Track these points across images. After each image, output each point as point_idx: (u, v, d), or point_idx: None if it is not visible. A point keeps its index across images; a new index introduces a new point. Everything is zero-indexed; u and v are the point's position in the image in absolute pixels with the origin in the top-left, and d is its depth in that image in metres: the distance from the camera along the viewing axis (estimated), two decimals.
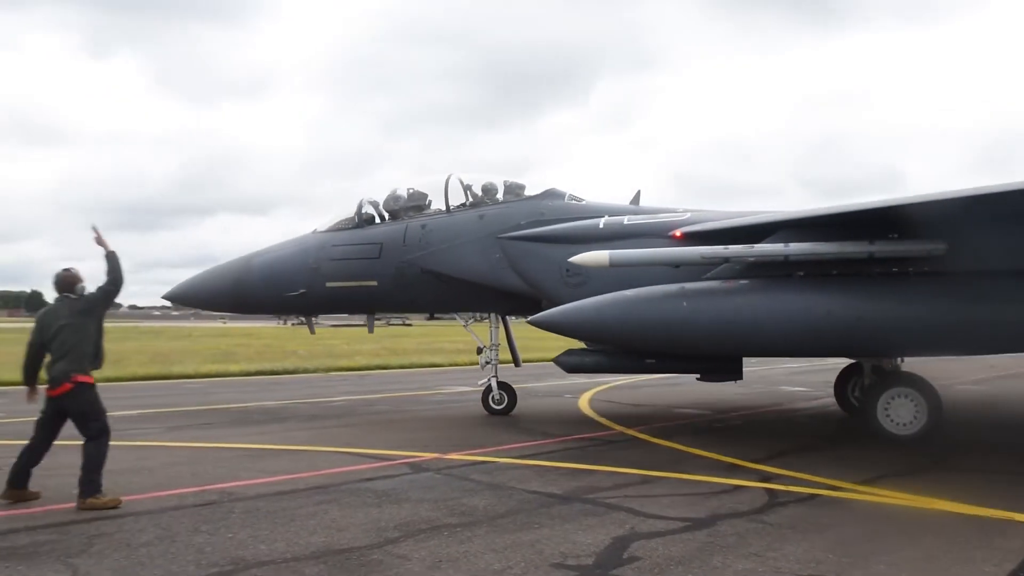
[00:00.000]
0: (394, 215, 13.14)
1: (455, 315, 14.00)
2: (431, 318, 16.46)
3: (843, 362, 13.27)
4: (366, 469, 8.69)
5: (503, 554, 5.55)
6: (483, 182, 13.20)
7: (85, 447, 7.07)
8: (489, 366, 13.50)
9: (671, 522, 6.38)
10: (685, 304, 9.64)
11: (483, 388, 13.59)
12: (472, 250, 12.40)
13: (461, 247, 12.46)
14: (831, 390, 13.82)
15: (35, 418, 7.47)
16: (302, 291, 12.91)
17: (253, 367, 23.21)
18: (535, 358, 20.69)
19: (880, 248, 9.29)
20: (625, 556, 5.51)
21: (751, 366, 16.66)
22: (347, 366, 24.99)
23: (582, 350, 11.76)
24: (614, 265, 10.16)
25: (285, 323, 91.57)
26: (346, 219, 13.27)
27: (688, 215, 11.78)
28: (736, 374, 11.50)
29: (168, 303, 15.40)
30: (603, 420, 12.71)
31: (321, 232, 13.30)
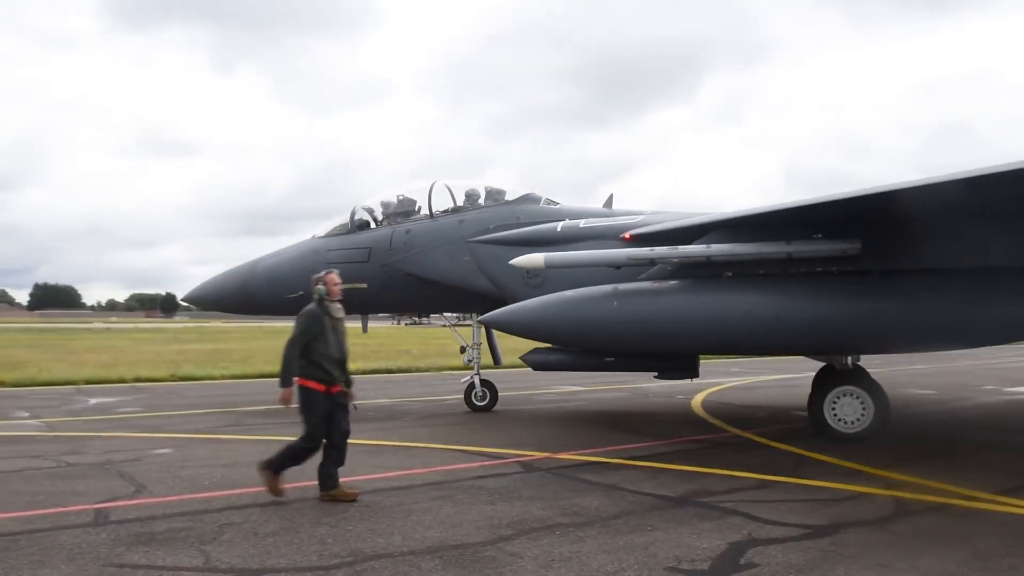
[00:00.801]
0: (385, 221, 13.95)
1: (441, 315, 14.70)
2: (420, 319, 16.83)
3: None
4: (478, 467, 8.81)
5: (616, 556, 5.51)
6: (467, 188, 13.85)
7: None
8: (472, 363, 14.20)
9: (790, 529, 6.17)
10: (616, 304, 9.95)
11: (465, 385, 14.24)
12: (446, 253, 13.09)
13: (437, 251, 13.17)
14: (961, 393, 13.04)
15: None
16: (300, 293, 13.33)
17: (368, 366, 23.89)
18: None
19: (797, 248, 9.41)
20: (742, 562, 5.37)
21: (879, 366, 15.90)
22: (457, 366, 25.37)
23: (547, 349, 12.02)
24: (549, 266, 10.70)
25: (398, 323, 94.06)
26: (341, 225, 14.13)
27: (641, 218, 12.06)
28: (691, 372, 11.87)
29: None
30: (716, 422, 12.43)
31: (319, 237, 14.18)
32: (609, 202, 13.99)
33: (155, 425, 12.10)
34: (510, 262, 11.23)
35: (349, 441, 7.52)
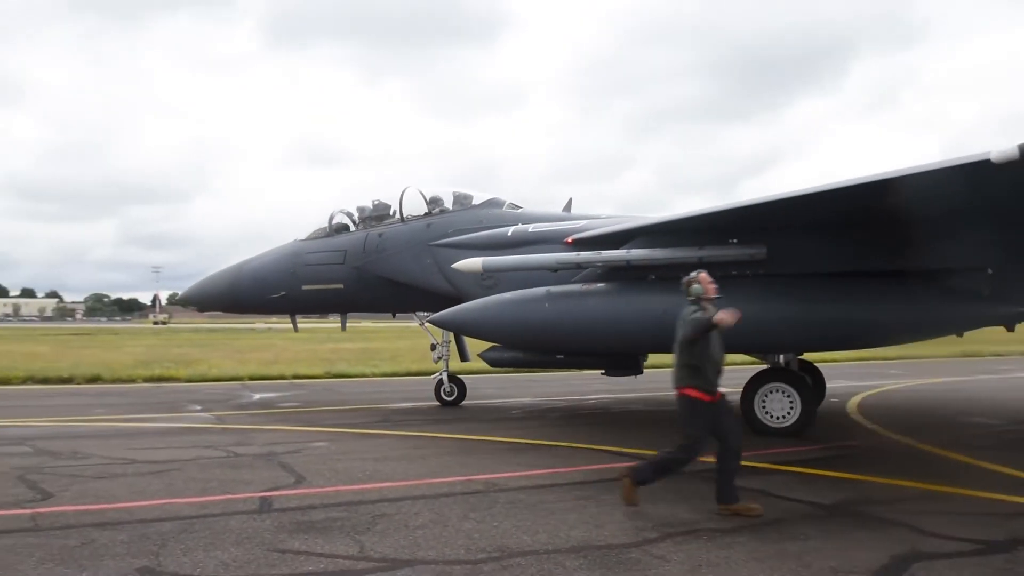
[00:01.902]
0: (360, 224, 14.56)
1: (413, 315, 15.22)
2: (393, 317, 17.05)
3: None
4: (621, 467, 8.73)
5: (766, 564, 5.32)
6: (434, 194, 14.29)
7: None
8: (442, 361, 14.81)
9: (960, 543, 5.74)
10: (547, 305, 10.57)
11: (435, 381, 14.98)
12: (411, 256, 13.63)
13: (404, 253, 13.73)
14: None
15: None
16: (282, 293, 14.53)
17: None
18: None
19: (708, 253, 9.89)
20: None
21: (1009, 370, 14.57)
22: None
23: (502, 347, 12.20)
24: (487, 270, 11.44)
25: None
26: (320, 229, 14.78)
27: (585, 222, 12.33)
28: (634, 369, 12.40)
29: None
30: (874, 426, 11.76)
31: (300, 241, 14.88)
32: (568, 206, 14.52)
33: (312, 419, 12.77)
34: (452, 266, 12.04)
35: (494, 439, 7.61)
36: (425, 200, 14.23)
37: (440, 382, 14.91)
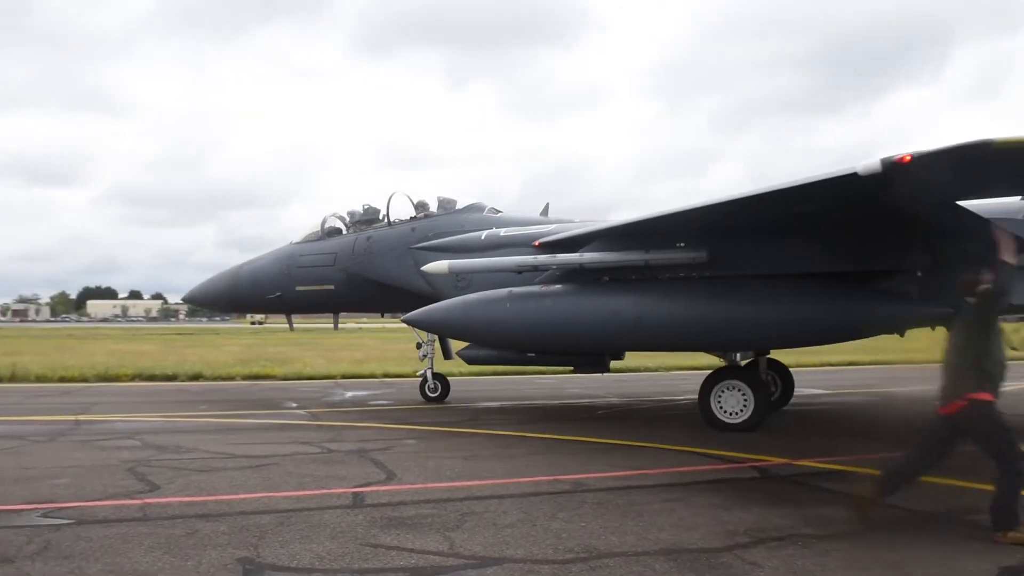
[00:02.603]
0: (351, 228, 15.06)
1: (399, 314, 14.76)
2: (382, 316, 17.24)
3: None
4: (712, 470, 8.59)
5: (865, 573, 5.13)
6: (420, 199, 14.86)
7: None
8: (426, 359, 15.29)
9: None
10: (508, 305, 11.00)
11: (420, 378, 15.51)
12: (394, 259, 14.10)
13: (388, 256, 14.20)
14: None
15: None
16: (278, 294, 15.16)
17: (619, 364, 23.98)
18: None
19: (654, 256, 10.38)
20: None
21: None
22: (691, 365, 24.82)
23: (475, 345, 12.67)
24: (452, 272, 12.15)
25: None
26: (313, 232, 15.34)
27: (554, 226, 12.78)
28: (601, 367, 12.83)
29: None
30: None
31: (294, 244, 15.46)
32: (545, 211, 15.16)
33: (402, 417, 13.02)
34: (421, 268, 12.76)
35: (581, 439, 7.59)
36: (412, 204, 14.81)
37: (424, 379, 15.39)
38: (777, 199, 8.70)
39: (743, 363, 11.63)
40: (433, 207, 14.73)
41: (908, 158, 6.84)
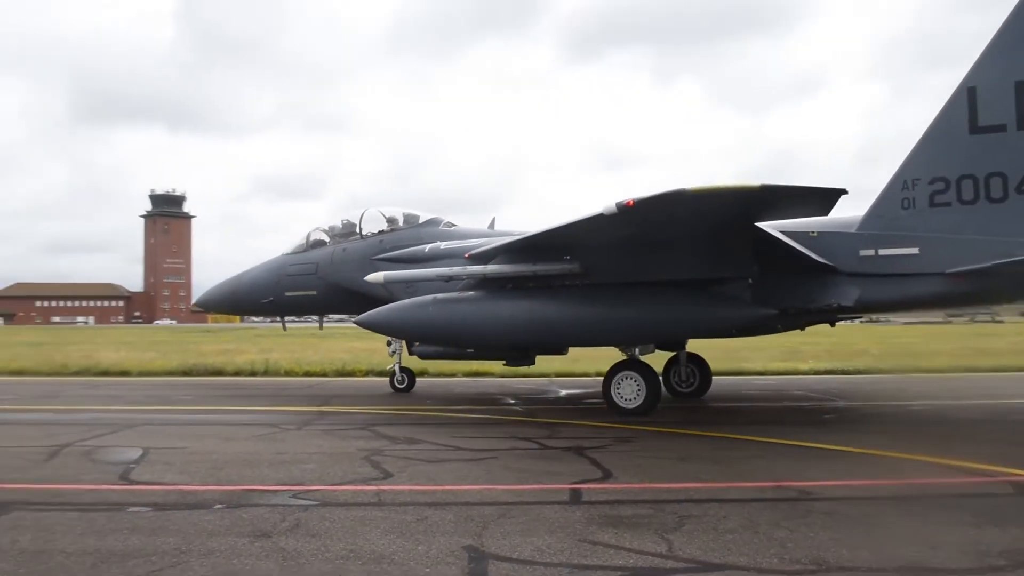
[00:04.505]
0: (331, 240, 16.91)
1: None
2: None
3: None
4: (959, 483, 7.84)
5: None
6: (390, 214, 16.59)
7: None
8: (395, 355, 16.94)
9: None
10: (431, 309, 12.68)
11: (389, 372, 17.40)
12: (360, 268, 15.55)
13: (356, 265, 15.85)
14: None
15: None
16: (271, 298, 17.22)
17: (822, 365, 22.77)
18: None
19: (540, 268, 12.23)
20: None
21: None
22: (927, 367, 22.88)
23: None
24: (387, 282, 13.93)
25: (853, 321, 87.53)
26: (300, 244, 17.38)
27: (482, 240, 14.23)
28: (528, 360, 14.08)
29: None
30: None
31: (285, 255, 17.45)
32: (492, 224, 17.02)
33: (612, 417, 13.01)
34: (364, 278, 14.42)
35: (801, 443, 7.22)
36: (385, 219, 16.52)
37: (393, 373, 17.28)
38: (545, 240, 11.69)
39: (640, 356, 13.13)
40: (401, 222, 16.50)
41: (632, 203, 9.23)
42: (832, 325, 14.76)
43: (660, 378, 12.98)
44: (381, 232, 16.41)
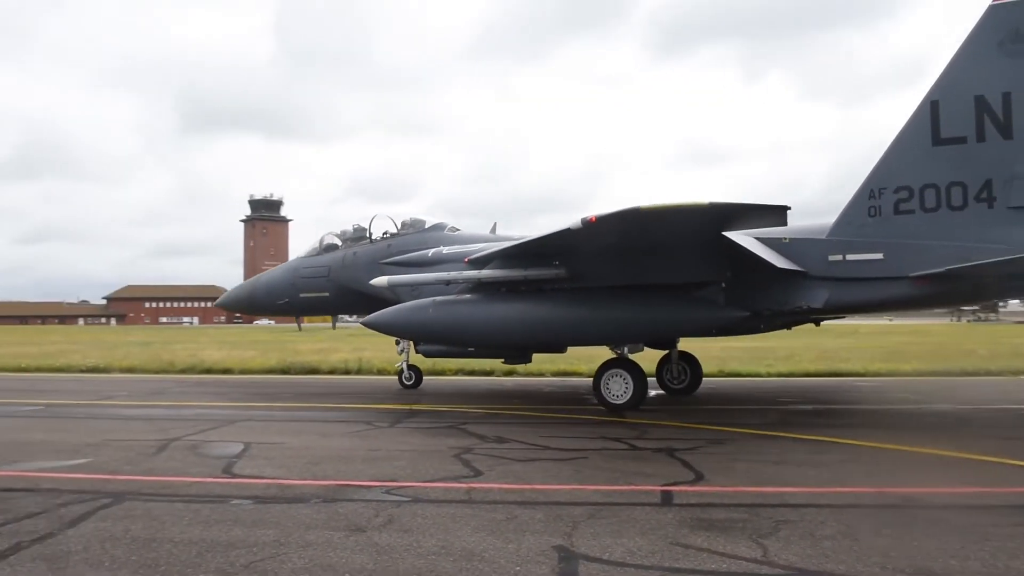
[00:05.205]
0: (343, 245, 17.61)
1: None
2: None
3: None
4: None
5: None
6: (400, 219, 17.35)
7: None
8: (403, 353, 17.73)
9: None
10: (431, 311, 13.45)
11: (397, 369, 18.29)
12: (368, 271, 16.34)
13: (365, 269, 16.58)
14: None
15: None
16: (286, 300, 18.11)
17: (926, 367, 21.78)
18: None
19: (531, 273, 13.07)
20: None
21: None
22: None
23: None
24: (391, 286, 14.85)
25: (959, 320, 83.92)
26: (313, 248, 18.21)
27: (482, 245, 15.09)
28: (525, 359, 15.27)
29: None
30: None
31: (300, 258, 18.36)
32: (493, 229, 17.65)
33: (706, 417, 12.77)
34: (368, 282, 15.45)
35: (903, 448, 6.93)
36: (395, 224, 17.26)
37: (400, 370, 17.97)
38: (534, 247, 12.54)
39: (629, 355, 13.91)
40: (408, 227, 17.19)
41: (594, 219, 10.27)
42: (817, 324, 16.23)
43: (646, 375, 13.64)
44: (389, 236, 17.24)
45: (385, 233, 17.26)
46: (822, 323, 16.37)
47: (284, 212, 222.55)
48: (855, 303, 12.61)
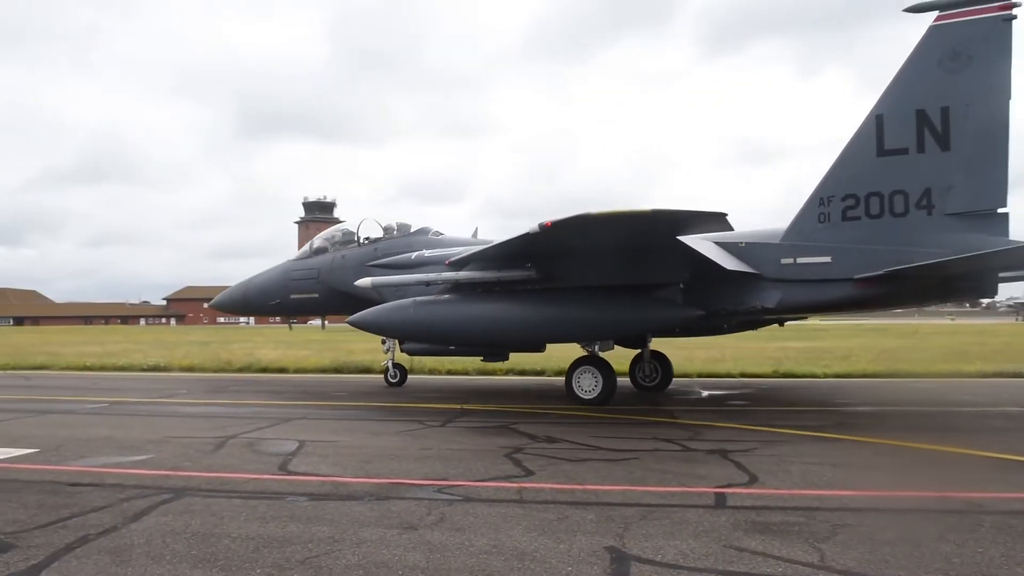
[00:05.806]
0: (331, 248, 18.24)
1: None
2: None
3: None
4: None
5: None
6: (386, 223, 18.00)
7: None
8: (388, 352, 18.61)
9: None
10: (411, 311, 14.02)
11: (383, 367, 19.15)
12: (355, 273, 16.85)
13: (352, 271, 17.17)
14: None
15: None
16: (277, 301, 18.67)
17: (990, 368, 21.11)
18: None
19: (504, 274, 13.83)
20: None
21: None
22: None
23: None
24: (375, 286, 15.49)
25: (1019, 318, 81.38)
26: (303, 251, 18.87)
27: (462, 249, 15.38)
28: (502, 357, 16.06)
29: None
30: None
31: (291, 261, 18.90)
32: (475, 233, 18.51)
33: (761, 419, 12.58)
34: (354, 283, 16.08)
35: (970, 452, 6.72)
36: (381, 228, 17.89)
37: (386, 368, 18.84)
38: (506, 249, 12.80)
39: (600, 353, 14.55)
40: (394, 231, 17.82)
41: (549, 224, 10.83)
42: (781, 325, 17.43)
43: (615, 372, 14.40)
44: (376, 240, 17.90)
45: (368, 237, 18.03)
46: (786, 323, 17.58)
47: (337, 213, 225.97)
48: (804, 304, 13.27)
